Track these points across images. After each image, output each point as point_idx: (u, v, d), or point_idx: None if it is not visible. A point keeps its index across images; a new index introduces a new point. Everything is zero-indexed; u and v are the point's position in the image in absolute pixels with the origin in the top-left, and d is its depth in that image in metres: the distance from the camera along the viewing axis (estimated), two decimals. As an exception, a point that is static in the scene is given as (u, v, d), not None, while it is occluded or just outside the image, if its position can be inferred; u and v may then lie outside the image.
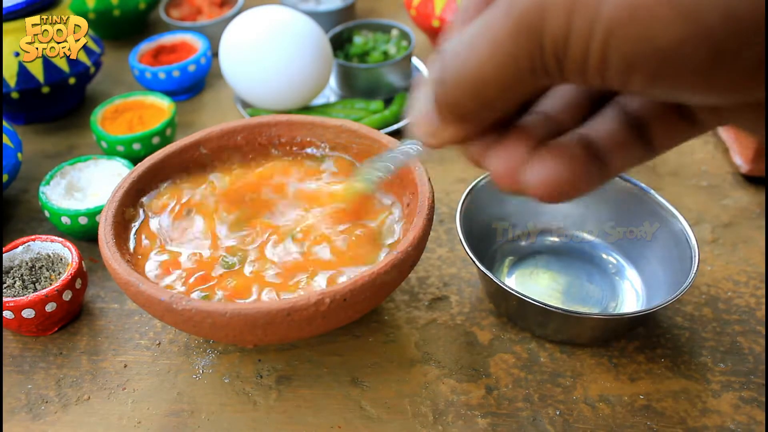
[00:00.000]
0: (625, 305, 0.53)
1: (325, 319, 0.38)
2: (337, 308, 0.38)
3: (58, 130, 0.77)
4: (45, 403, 0.49)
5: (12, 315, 0.50)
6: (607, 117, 0.27)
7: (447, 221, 0.62)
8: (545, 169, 0.26)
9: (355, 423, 0.47)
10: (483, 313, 0.54)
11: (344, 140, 0.51)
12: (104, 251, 0.43)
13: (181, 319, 0.38)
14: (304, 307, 0.37)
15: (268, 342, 0.40)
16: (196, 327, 0.39)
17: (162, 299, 0.38)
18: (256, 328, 0.38)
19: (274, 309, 0.37)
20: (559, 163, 0.26)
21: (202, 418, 0.47)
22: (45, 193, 0.60)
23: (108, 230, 0.44)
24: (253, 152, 0.53)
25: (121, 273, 0.41)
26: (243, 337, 0.39)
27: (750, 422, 0.46)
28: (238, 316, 0.37)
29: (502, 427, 0.46)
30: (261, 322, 0.37)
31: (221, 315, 0.37)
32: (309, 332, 0.39)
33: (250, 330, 0.38)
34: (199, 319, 0.38)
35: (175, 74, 0.78)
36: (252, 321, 0.37)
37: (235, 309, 0.37)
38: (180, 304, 0.38)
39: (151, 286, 0.39)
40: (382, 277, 0.39)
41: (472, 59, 0.22)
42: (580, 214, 0.58)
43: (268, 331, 0.38)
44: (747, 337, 0.51)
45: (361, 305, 0.40)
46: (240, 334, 0.38)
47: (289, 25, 0.70)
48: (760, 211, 0.62)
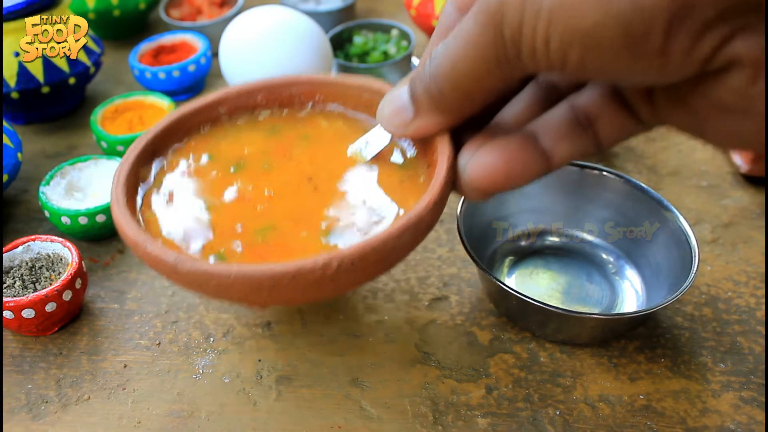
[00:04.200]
0: (625, 305, 0.53)
1: (333, 282, 0.37)
2: (345, 272, 0.36)
3: (58, 130, 0.77)
4: (45, 403, 0.49)
5: (12, 315, 0.50)
6: (555, 112, 0.31)
7: (447, 221, 0.62)
8: (480, 159, 0.30)
9: (355, 423, 0.47)
10: (483, 313, 0.54)
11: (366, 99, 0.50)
12: (115, 212, 0.41)
13: (186, 280, 0.38)
14: (311, 270, 0.35)
15: (276, 305, 0.39)
16: (202, 288, 0.38)
17: (168, 260, 0.37)
18: (261, 291, 0.37)
19: (279, 272, 0.36)
20: (494, 153, 0.30)
21: (202, 418, 0.47)
22: (45, 193, 0.60)
23: (119, 190, 0.43)
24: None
25: (130, 234, 0.40)
26: (249, 299, 0.38)
27: (750, 422, 0.46)
28: (242, 279, 0.36)
29: (502, 427, 0.46)
30: (266, 284, 0.36)
31: (225, 277, 0.36)
32: (316, 296, 0.38)
33: (255, 292, 0.37)
34: (203, 281, 0.37)
35: (175, 74, 0.78)
36: (257, 284, 0.36)
37: (240, 271, 0.36)
38: (185, 266, 0.37)
39: (158, 247, 0.38)
40: (393, 240, 0.37)
41: (450, 56, 0.27)
42: (580, 214, 0.58)
43: (274, 293, 0.37)
44: (747, 337, 0.51)
45: (371, 269, 0.38)
46: (246, 296, 0.38)
47: (289, 25, 0.70)
48: (760, 211, 0.62)
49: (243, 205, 0.44)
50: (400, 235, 0.38)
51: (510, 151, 0.30)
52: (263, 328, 0.53)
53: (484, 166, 0.30)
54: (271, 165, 0.46)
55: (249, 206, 0.44)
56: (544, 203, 0.58)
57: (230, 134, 0.49)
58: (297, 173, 0.45)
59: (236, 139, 0.48)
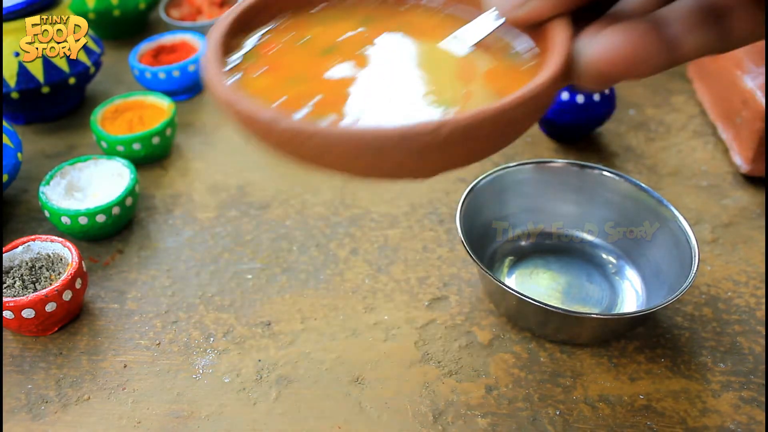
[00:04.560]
0: (625, 305, 0.53)
1: (439, 152, 0.34)
2: (456, 140, 0.34)
3: (58, 130, 0.77)
4: (45, 403, 0.49)
5: (12, 315, 0.50)
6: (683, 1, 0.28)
7: (447, 221, 0.62)
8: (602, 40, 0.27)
9: (355, 423, 0.47)
10: (483, 313, 0.54)
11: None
12: (206, 71, 0.39)
13: (282, 139, 0.36)
14: (420, 133, 0.33)
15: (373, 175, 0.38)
16: (298, 149, 0.36)
17: (264, 117, 0.35)
18: (364, 154, 0.34)
19: (387, 132, 0.33)
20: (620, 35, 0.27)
21: (202, 418, 0.47)
22: (45, 193, 0.60)
23: (212, 51, 0.40)
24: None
25: (221, 91, 0.38)
26: (348, 164, 0.36)
27: (750, 422, 0.46)
28: (345, 138, 0.34)
29: (502, 426, 0.46)
30: (371, 146, 0.34)
31: (326, 136, 0.34)
32: (419, 167, 0.36)
33: (357, 155, 0.35)
34: (301, 141, 0.35)
35: (175, 74, 0.78)
36: (361, 144, 0.34)
37: (343, 131, 0.34)
38: (283, 123, 0.35)
39: (252, 104, 0.36)
40: (510, 112, 0.34)
41: None
42: (580, 214, 0.58)
43: (376, 158, 0.35)
44: (747, 337, 0.51)
45: (483, 142, 0.36)
46: (345, 161, 0.36)
47: (289, 25, 0.70)
48: (760, 211, 0.62)
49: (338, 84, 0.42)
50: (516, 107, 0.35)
51: (635, 35, 0.27)
52: (263, 328, 0.53)
53: (606, 48, 0.27)
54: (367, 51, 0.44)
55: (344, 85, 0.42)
56: (545, 203, 0.58)
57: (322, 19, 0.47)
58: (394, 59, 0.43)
59: (329, 24, 0.46)
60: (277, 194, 0.66)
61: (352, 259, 0.59)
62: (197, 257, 0.60)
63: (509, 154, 0.70)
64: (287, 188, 0.67)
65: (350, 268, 0.58)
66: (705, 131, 0.72)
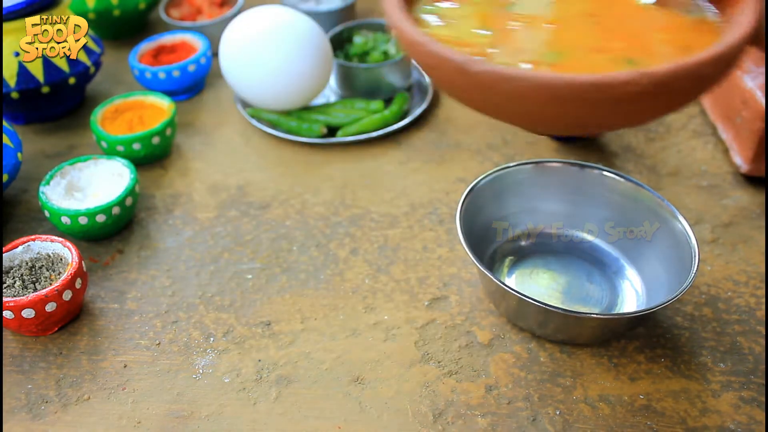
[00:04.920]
0: (625, 305, 0.53)
1: (633, 103, 0.34)
2: (651, 92, 0.33)
3: (58, 130, 0.77)
4: (45, 403, 0.49)
5: (12, 315, 0.50)
6: None
7: (447, 221, 0.62)
8: None
9: (355, 423, 0.47)
10: (483, 313, 0.54)
11: None
12: (392, 15, 0.39)
13: (473, 82, 0.35)
14: (617, 84, 0.33)
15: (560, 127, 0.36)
16: (487, 94, 0.35)
17: (456, 59, 0.35)
18: (557, 101, 0.34)
19: (582, 81, 0.33)
20: None
21: (202, 418, 0.47)
22: (45, 193, 0.60)
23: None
24: None
25: (409, 32, 0.38)
26: (539, 112, 0.35)
27: (750, 422, 0.46)
28: (540, 85, 0.33)
29: (502, 426, 0.46)
30: (564, 94, 0.33)
31: (521, 80, 0.33)
32: (609, 119, 0.36)
33: (549, 103, 0.34)
34: (493, 84, 0.34)
35: (175, 74, 0.78)
36: (555, 91, 0.33)
37: (538, 76, 0.33)
38: (476, 66, 0.34)
39: (444, 46, 0.36)
40: (706, 68, 0.34)
41: None
42: (581, 214, 0.58)
43: (569, 107, 0.34)
44: (747, 337, 0.51)
45: (675, 97, 0.35)
46: (537, 108, 0.35)
47: (289, 25, 0.70)
48: (760, 211, 0.62)
49: (524, 32, 0.41)
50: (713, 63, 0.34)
51: None
52: (263, 328, 0.53)
53: None
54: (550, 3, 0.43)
55: (531, 33, 0.41)
56: (544, 203, 0.58)
57: None
58: (577, 11, 0.42)
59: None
60: (277, 194, 0.66)
61: (352, 259, 0.59)
62: (197, 257, 0.60)
63: (509, 154, 0.70)
64: (287, 188, 0.67)
65: (350, 268, 0.58)
66: (705, 131, 0.72)
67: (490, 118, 0.41)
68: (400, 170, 0.69)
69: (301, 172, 0.69)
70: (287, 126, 0.73)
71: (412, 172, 0.68)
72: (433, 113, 0.76)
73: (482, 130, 0.73)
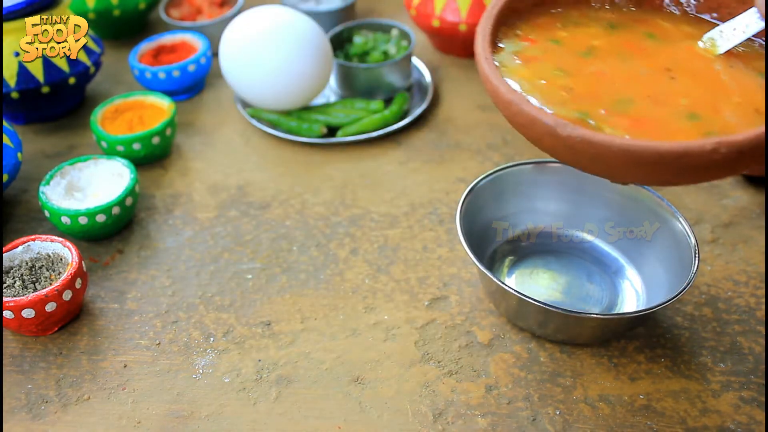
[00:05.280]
0: (625, 305, 0.53)
1: (708, 170, 0.36)
2: (729, 160, 0.35)
3: (58, 130, 0.77)
4: (45, 403, 0.49)
5: (12, 315, 0.50)
6: None
7: (447, 221, 0.62)
8: None
9: (355, 423, 0.47)
10: (483, 313, 0.54)
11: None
12: (484, 68, 0.41)
13: (562, 145, 0.37)
14: (697, 153, 0.34)
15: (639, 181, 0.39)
16: (575, 156, 0.38)
17: (546, 122, 0.37)
18: (639, 167, 0.36)
19: (666, 150, 0.35)
20: None
21: (202, 418, 0.47)
22: (45, 193, 0.60)
23: (486, 45, 0.43)
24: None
25: (503, 91, 0.40)
26: (622, 173, 0.38)
27: (750, 422, 0.46)
28: (625, 153, 0.35)
29: (502, 426, 0.46)
30: (647, 161, 0.35)
31: (607, 147, 0.36)
32: (687, 178, 0.38)
33: (632, 167, 0.36)
34: (580, 149, 0.37)
35: (175, 74, 0.78)
36: (638, 159, 0.35)
37: (624, 144, 0.35)
38: (565, 130, 0.37)
39: (535, 108, 0.38)
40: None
41: None
42: (581, 214, 0.58)
43: (650, 171, 0.36)
44: (747, 337, 0.51)
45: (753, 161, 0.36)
46: (619, 170, 0.37)
47: (289, 25, 0.70)
48: (760, 211, 0.62)
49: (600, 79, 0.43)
50: None
51: None
52: (263, 328, 0.53)
53: None
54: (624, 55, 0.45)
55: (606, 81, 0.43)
56: (544, 203, 0.58)
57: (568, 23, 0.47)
58: (652, 64, 0.43)
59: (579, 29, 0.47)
60: (277, 194, 0.66)
61: (352, 259, 0.59)
62: (197, 257, 0.60)
63: (509, 154, 0.70)
64: (287, 188, 0.67)
65: (350, 268, 0.58)
66: (705, 131, 0.72)
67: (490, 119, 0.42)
68: (400, 170, 0.69)
69: (301, 172, 0.69)
70: (287, 126, 0.73)
71: (412, 172, 0.68)
72: (433, 113, 0.76)
73: (482, 130, 0.73)
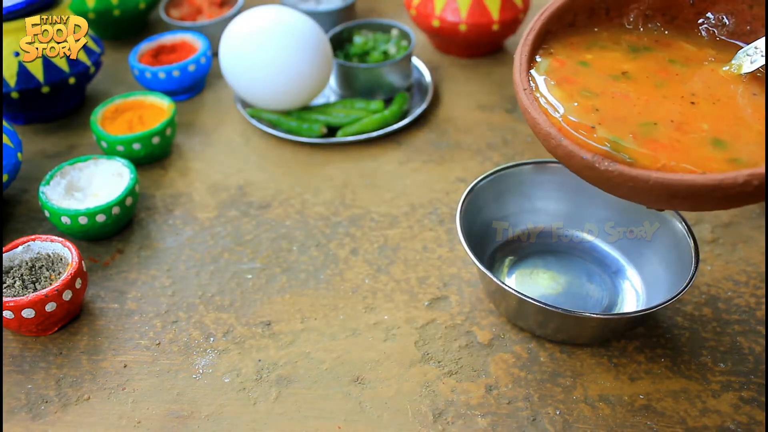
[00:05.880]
0: (625, 305, 0.53)
1: (736, 200, 0.38)
2: (761, 191, 0.36)
3: (58, 130, 0.77)
4: (45, 403, 0.49)
5: (12, 315, 0.50)
6: None
7: (447, 221, 0.62)
8: None
9: (355, 423, 0.47)
10: (483, 313, 0.54)
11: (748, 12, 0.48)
12: (524, 101, 0.43)
13: (600, 178, 0.39)
14: (730, 186, 0.36)
15: (675, 209, 0.41)
16: (612, 188, 0.40)
17: (584, 157, 0.39)
18: (673, 199, 0.38)
19: (700, 184, 0.36)
20: None
21: (202, 418, 0.47)
22: (45, 193, 0.60)
23: (523, 77, 0.44)
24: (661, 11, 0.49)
25: (542, 124, 0.41)
26: (657, 202, 0.40)
27: (750, 422, 0.46)
28: (660, 186, 0.37)
29: (502, 426, 0.46)
30: (682, 194, 0.37)
31: (643, 182, 0.37)
32: (719, 207, 0.39)
33: (667, 199, 0.38)
34: (618, 182, 0.38)
35: (175, 74, 0.78)
36: (673, 192, 0.37)
37: (660, 178, 0.37)
38: (603, 165, 0.39)
39: (573, 143, 0.40)
40: None
41: None
42: (580, 214, 0.58)
43: (684, 202, 0.38)
44: (747, 337, 0.51)
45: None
46: (655, 201, 0.39)
47: (289, 25, 0.70)
48: (760, 211, 0.62)
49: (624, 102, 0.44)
50: None
51: None
52: (263, 328, 0.53)
53: None
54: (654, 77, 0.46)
55: (630, 104, 0.44)
56: (544, 203, 0.58)
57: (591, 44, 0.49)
58: (674, 88, 0.45)
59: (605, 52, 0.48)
60: (277, 194, 0.66)
61: (352, 259, 0.59)
62: (197, 257, 0.60)
63: (509, 154, 0.70)
64: (287, 188, 0.67)
65: (350, 268, 0.58)
66: (705, 131, 0.72)
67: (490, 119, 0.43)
68: (400, 170, 0.69)
69: (301, 172, 0.69)
70: (287, 126, 0.73)
71: (412, 172, 0.68)
72: (433, 113, 0.76)
73: (482, 130, 0.73)
